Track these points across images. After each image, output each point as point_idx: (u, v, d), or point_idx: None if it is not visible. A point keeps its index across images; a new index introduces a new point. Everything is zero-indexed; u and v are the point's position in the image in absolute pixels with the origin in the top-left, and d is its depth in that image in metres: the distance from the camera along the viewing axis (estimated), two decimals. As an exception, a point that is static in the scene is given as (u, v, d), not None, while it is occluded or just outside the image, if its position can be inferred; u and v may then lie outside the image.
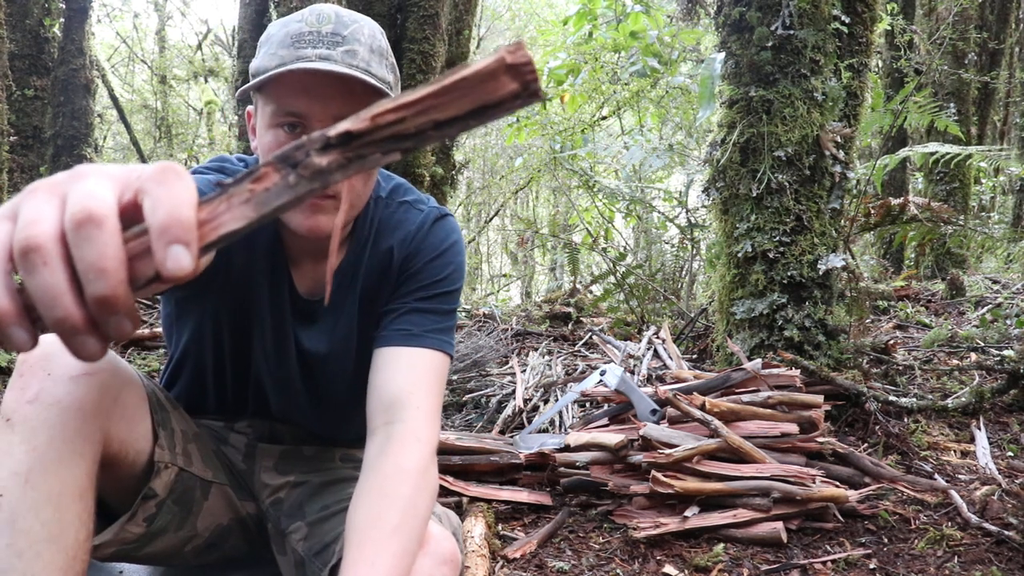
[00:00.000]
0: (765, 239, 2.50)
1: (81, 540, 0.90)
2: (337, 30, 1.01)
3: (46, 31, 5.90)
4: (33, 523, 0.85)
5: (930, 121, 3.31)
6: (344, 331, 1.20)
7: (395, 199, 1.22)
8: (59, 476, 0.89)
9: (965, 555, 1.72)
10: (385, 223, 1.20)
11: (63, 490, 0.89)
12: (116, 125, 10.38)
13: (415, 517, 0.96)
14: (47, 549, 0.85)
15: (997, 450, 2.33)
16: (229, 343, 1.20)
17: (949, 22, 6.42)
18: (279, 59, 1.00)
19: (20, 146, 5.73)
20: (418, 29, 3.45)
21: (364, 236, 1.19)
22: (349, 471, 1.28)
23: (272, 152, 1.02)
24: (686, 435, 1.95)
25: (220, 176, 1.11)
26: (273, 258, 1.15)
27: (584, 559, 1.75)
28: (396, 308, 1.15)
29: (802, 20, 2.52)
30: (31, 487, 0.86)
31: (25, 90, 5.81)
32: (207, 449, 1.22)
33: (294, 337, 1.19)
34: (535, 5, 12.53)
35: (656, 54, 4.55)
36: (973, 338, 3.35)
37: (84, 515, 0.91)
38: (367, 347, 1.17)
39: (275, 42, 1.02)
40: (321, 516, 1.17)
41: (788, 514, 1.84)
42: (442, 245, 1.19)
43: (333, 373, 1.22)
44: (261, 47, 1.05)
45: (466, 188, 11.42)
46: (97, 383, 0.95)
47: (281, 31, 1.03)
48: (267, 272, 1.15)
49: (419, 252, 1.18)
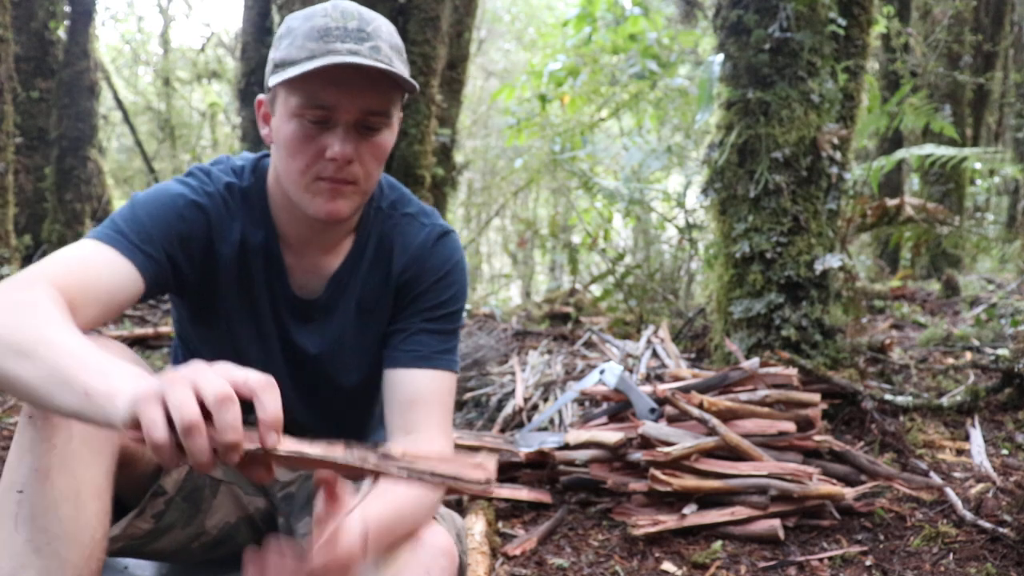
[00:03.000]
0: (762, 239, 2.53)
1: (98, 539, 0.91)
2: (362, 26, 1.04)
3: (51, 34, 5.91)
4: (52, 520, 0.86)
5: (926, 123, 3.34)
6: (337, 332, 1.21)
7: (398, 210, 1.23)
8: (78, 474, 0.90)
9: (960, 552, 1.74)
10: (387, 234, 1.21)
11: (81, 488, 0.90)
12: (120, 127, 10.39)
13: (421, 514, 1.04)
14: (64, 546, 0.86)
15: (992, 448, 2.35)
16: (230, 339, 1.21)
17: (944, 25, 6.45)
18: (308, 52, 1.02)
19: (25, 147, 5.74)
20: (419, 31, 3.47)
21: (364, 242, 1.20)
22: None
23: (296, 140, 1.05)
24: (684, 433, 1.96)
25: (204, 182, 1.14)
26: (268, 255, 1.17)
27: (583, 556, 1.77)
28: (405, 328, 1.19)
29: (799, 23, 2.54)
30: (51, 484, 0.87)
31: (30, 92, 5.82)
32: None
33: (288, 334, 1.21)
34: (535, 8, 12.54)
35: (655, 56, 4.58)
36: (968, 337, 3.37)
37: (101, 513, 0.92)
38: (359, 353, 1.21)
39: (300, 35, 1.04)
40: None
41: (785, 511, 1.85)
42: (446, 266, 1.21)
43: (323, 373, 1.24)
44: (282, 39, 1.07)
45: (466, 189, 11.43)
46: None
47: (305, 24, 1.04)
48: (263, 269, 1.17)
49: (424, 272, 1.20)
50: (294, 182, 1.08)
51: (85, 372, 0.77)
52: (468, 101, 9.83)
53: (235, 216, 1.15)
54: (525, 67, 8.16)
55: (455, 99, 5.10)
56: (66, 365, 0.79)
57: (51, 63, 5.99)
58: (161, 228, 1.08)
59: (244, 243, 1.15)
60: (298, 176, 1.07)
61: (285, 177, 1.10)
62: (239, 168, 1.18)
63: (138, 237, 1.05)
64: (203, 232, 1.12)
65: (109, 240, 1.04)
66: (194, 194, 1.12)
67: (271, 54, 1.09)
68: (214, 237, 1.13)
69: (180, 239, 1.10)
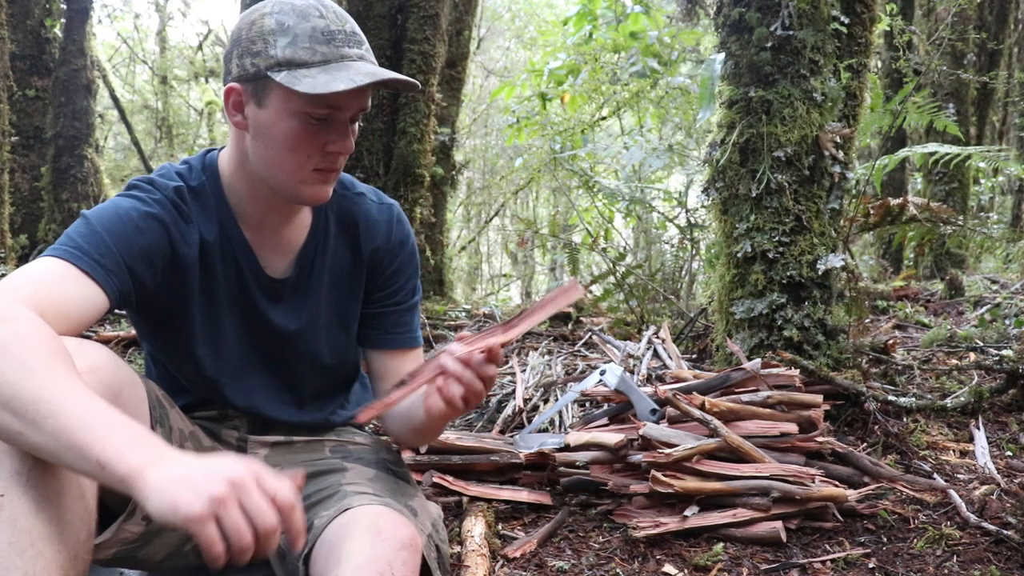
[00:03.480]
0: (764, 239, 2.51)
1: (82, 540, 0.90)
2: (355, 28, 1.11)
3: (47, 32, 5.90)
4: (35, 522, 0.85)
5: (929, 121, 3.32)
6: (311, 309, 1.27)
7: (349, 189, 1.31)
8: (59, 475, 0.89)
9: (964, 554, 1.72)
10: (347, 212, 1.29)
11: (63, 489, 0.89)
12: (117, 125, 10.39)
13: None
14: (48, 548, 0.85)
15: (996, 449, 2.34)
16: (208, 331, 1.23)
17: (948, 23, 6.43)
18: (321, 56, 1.07)
19: (21, 146, 5.73)
20: (418, 30, 3.46)
21: (324, 217, 1.27)
22: (337, 460, 1.29)
23: (298, 136, 1.10)
24: (686, 435, 1.95)
25: (151, 192, 1.16)
26: (233, 242, 1.20)
27: (584, 558, 1.75)
28: (388, 311, 1.33)
29: (801, 21, 2.52)
30: (32, 486, 0.86)
31: (26, 90, 5.81)
32: (201, 447, 1.23)
33: (264, 315, 1.24)
34: (535, 6, 12.53)
35: (656, 55, 4.56)
36: (972, 338, 3.36)
37: (85, 514, 0.92)
38: (334, 328, 1.30)
39: (303, 36, 1.07)
40: (303, 506, 1.17)
41: (787, 513, 1.84)
42: (409, 240, 1.32)
43: (300, 350, 1.28)
44: (276, 35, 1.08)
45: (466, 188, 11.42)
46: (96, 380, 0.96)
47: (304, 24, 1.07)
48: (232, 258, 1.20)
49: (393, 248, 1.30)
50: (289, 172, 1.13)
51: (97, 443, 0.80)
52: (468, 100, 9.82)
53: (189, 218, 1.18)
54: (525, 65, 8.15)
55: (455, 98, 5.09)
56: (72, 431, 0.81)
57: (47, 61, 5.98)
58: (121, 243, 1.09)
59: (205, 240, 1.18)
60: (296, 168, 1.12)
61: (275, 168, 1.13)
62: (184, 170, 1.21)
63: (99, 253, 1.06)
64: (162, 241, 1.14)
65: (71, 258, 1.04)
66: (146, 206, 1.14)
67: (259, 47, 1.09)
68: (174, 243, 1.16)
69: (141, 252, 1.11)
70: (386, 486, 1.22)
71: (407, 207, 3.36)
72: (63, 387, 0.84)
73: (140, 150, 9.07)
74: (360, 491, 1.16)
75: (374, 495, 1.15)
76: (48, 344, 0.89)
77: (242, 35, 1.11)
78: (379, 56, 3.46)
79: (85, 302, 1.03)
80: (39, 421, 0.82)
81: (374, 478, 1.24)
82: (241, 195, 1.20)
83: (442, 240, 5.27)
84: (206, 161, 1.23)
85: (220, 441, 1.29)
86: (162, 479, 0.77)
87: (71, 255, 1.04)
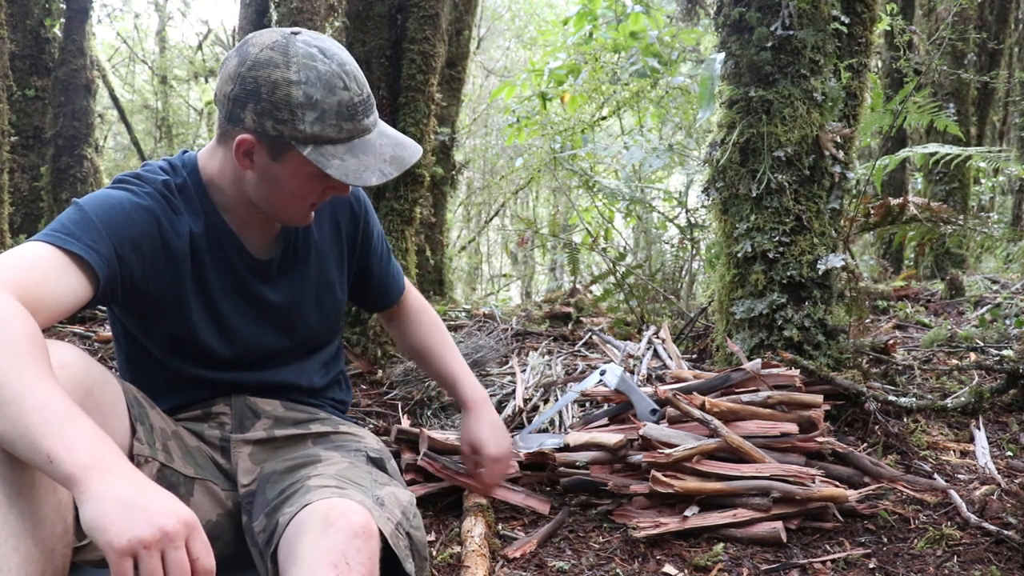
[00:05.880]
0: (765, 239, 2.51)
1: (58, 533, 0.90)
2: (368, 91, 1.16)
3: (47, 31, 5.89)
4: (7, 516, 0.85)
5: (929, 121, 3.31)
6: (301, 283, 1.33)
7: None
8: (31, 468, 0.89)
9: (964, 554, 1.72)
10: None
11: (35, 483, 0.89)
12: (117, 125, 10.38)
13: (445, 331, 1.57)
14: (23, 542, 0.85)
15: (996, 450, 2.33)
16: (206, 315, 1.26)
17: (948, 22, 6.42)
18: (347, 132, 1.13)
19: (21, 146, 5.72)
20: (418, 29, 3.45)
21: None
22: (315, 451, 1.28)
23: (307, 190, 1.17)
24: (686, 435, 1.95)
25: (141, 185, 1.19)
26: (220, 233, 1.24)
27: (584, 559, 1.75)
28: (377, 265, 1.45)
29: (802, 20, 2.52)
30: (3, 480, 0.86)
31: (26, 90, 5.80)
32: (186, 446, 1.23)
33: (257, 292, 1.29)
34: (535, 5, 12.52)
35: (656, 54, 4.55)
36: (972, 338, 3.35)
37: (60, 507, 0.92)
38: (324, 295, 1.36)
39: (331, 112, 1.11)
40: (276, 503, 1.16)
41: (788, 514, 1.84)
42: (365, 200, 1.41)
43: (294, 319, 1.34)
44: (304, 109, 1.09)
45: (466, 188, 11.42)
46: (65, 376, 0.96)
47: (331, 99, 1.11)
48: (219, 247, 1.24)
49: (358, 210, 1.39)
50: (287, 211, 1.21)
51: (49, 436, 0.81)
52: (468, 99, 9.82)
53: (178, 210, 1.20)
54: (525, 65, 8.14)
55: (455, 97, 5.08)
56: (29, 421, 0.82)
57: (47, 61, 5.96)
58: (113, 231, 1.10)
59: (193, 231, 1.21)
60: (295, 208, 1.21)
61: (275, 207, 1.20)
62: (168, 167, 1.24)
63: (91, 239, 1.07)
64: (153, 232, 1.16)
65: (62, 243, 1.04)
66: (137, 197, 1.16)
67: (285, 115, 1.10)
68: (164, 234, 1.18)
69: (132, 241, 1.13)
70: (354, 476, 1.19)
71: (407, 207, 3.35)
72: (30, 377, 0.85)
73: (140, 150, 9.07)
74: (322, 484, 1.13)
75: (335, 487, 1.12)
76: (24, 333, 0.89)
77: (261, 92, 1.09)
78: (379, 56, 3.45)
79: (69, 289, 1.02)
80: (1, 406, 0.83)
81: (345, 469, 1.21)
82: (225, 195, 1.23)
83: (442, 240, 5.26)
84: (185, 160, 1.26)
85: (204, 441, 1.28)
86: (103, 495, 0.79)
87: (63, 240, 1.04)
